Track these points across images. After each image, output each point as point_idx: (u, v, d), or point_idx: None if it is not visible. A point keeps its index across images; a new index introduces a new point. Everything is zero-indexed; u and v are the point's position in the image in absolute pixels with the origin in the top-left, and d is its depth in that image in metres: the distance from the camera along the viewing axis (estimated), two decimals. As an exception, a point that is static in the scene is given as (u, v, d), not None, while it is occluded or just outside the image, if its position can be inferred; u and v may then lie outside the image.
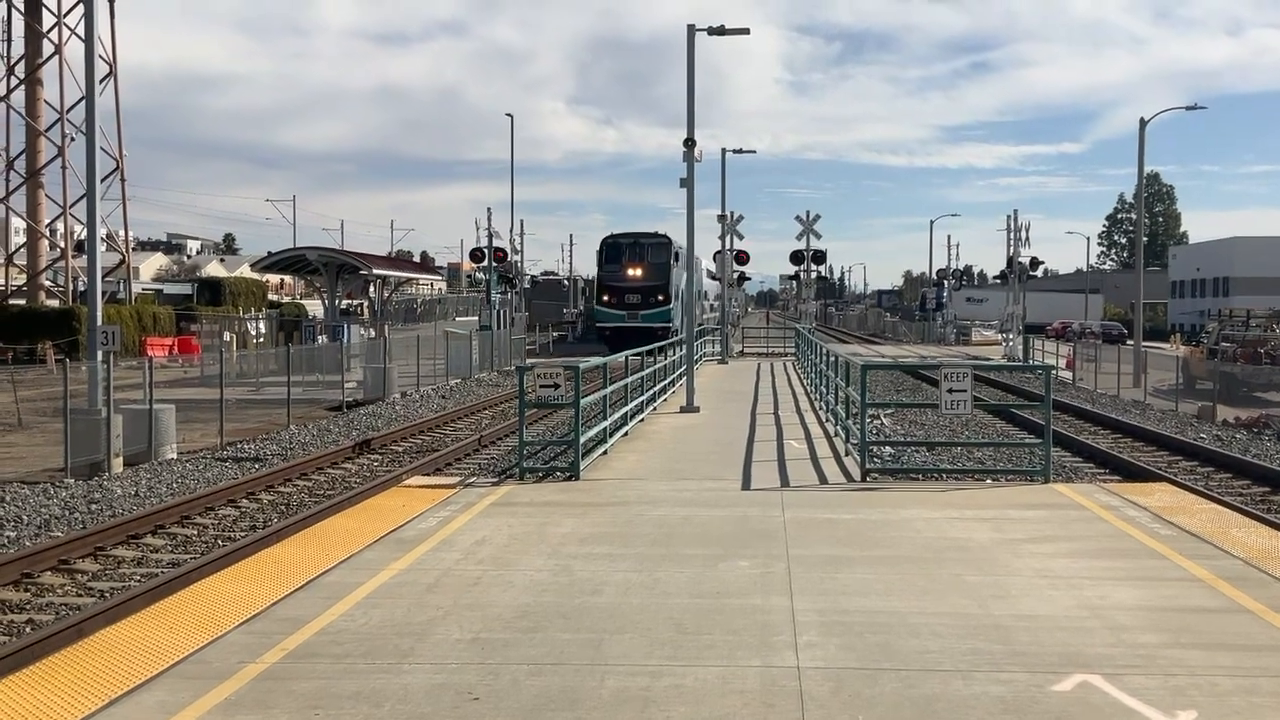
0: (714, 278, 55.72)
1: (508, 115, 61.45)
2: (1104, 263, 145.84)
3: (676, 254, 56.87)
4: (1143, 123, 45.48)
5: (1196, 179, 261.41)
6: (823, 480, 14.81)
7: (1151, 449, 23.38)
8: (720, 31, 24.82)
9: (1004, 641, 7.47)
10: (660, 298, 56.21)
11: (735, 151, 51.95)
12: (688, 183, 24.96)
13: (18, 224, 59.31)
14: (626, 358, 20.61)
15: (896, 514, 12.03)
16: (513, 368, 35.42)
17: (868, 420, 15.86)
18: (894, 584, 8.99)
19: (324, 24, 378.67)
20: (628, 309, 56.10)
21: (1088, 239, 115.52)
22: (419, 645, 7.44)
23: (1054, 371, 19.15)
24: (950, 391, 14.34)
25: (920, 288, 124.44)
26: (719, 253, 50.42)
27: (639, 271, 56.77)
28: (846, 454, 16.90)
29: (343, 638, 7.60)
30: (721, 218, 48.92)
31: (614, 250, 58.40)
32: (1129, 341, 50.73)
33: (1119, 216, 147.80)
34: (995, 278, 78.40)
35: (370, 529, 11.23)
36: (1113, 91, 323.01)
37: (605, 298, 57.81)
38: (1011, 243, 56.06)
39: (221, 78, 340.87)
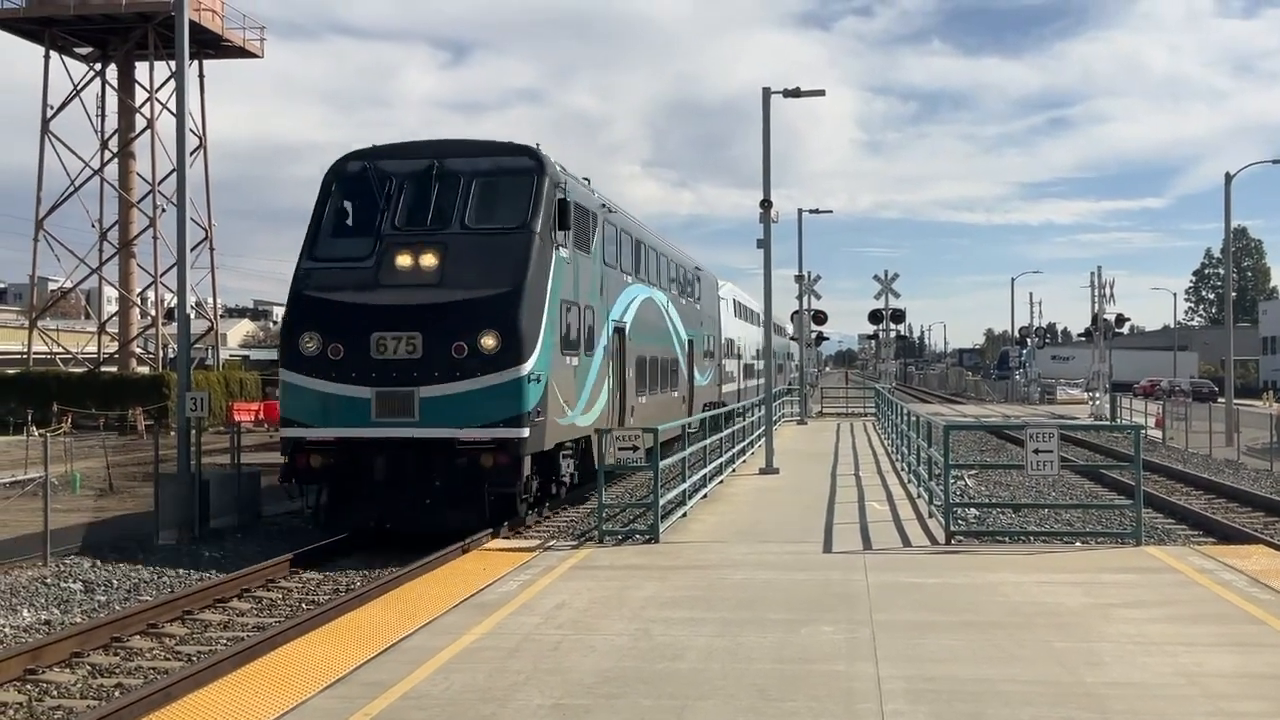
0: (791, 338, 55.02)
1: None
2: (1192, 319, 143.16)
3: (562, 202, 18.55)
4: (1228, 177, 44.76)
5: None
6: (906, 543, 14.60)
7: (1246, 510, 22.72)
8: (795, 94, 24.91)
9: (1098, 710, 7.27)
10: (497, 338, 17.05)
11: (811, 211, 51.88)
12: (764, 243, 25.00)
13: (110, 293, 60.85)
14: (705, 420, 20.23)
15: (983, 578, 11.81)
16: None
17: (951, 481, 15.63)
18: (982, 650, 8.80)
19: (405, 95, 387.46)
20: (377, 379, 17.26)
21: (1174, 295, 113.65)
22: (501, 711, 7.42)
23: (1143, 431, 18.72)
24: (1036, 452, 14.11)
25: (1002, 345, 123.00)
26: (796, 313, 50.23)
27: (429, 259, 17.63)
28: (930, 516, 16.65)
29: (425, 703, 7.61)
30: (799, 278, 48.79)
31: (355, 189, 18.73)
32: (1220, 399, 49.52)
33: (1206, 272, 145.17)
34: (1079, 335, 77.50)
35: (451, 592, 11.28)
36: (1195, 146, 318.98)
37: (309, 344, 17.54)
38: (1096, 299, 55.24)
39: (305, 146, 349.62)
